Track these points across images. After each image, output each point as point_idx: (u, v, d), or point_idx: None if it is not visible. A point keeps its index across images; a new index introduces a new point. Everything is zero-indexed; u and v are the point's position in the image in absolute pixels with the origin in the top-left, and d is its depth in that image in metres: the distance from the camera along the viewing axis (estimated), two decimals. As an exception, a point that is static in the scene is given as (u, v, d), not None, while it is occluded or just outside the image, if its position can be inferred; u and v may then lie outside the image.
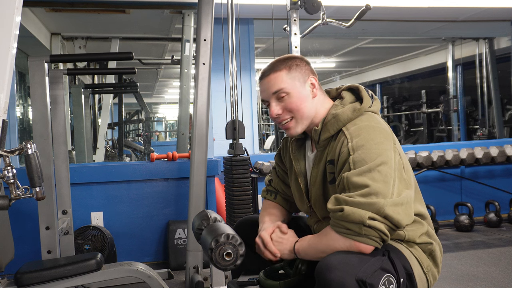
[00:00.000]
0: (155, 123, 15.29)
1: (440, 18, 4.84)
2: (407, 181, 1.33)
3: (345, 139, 1.36)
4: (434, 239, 1.44)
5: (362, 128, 1.36)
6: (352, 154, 1.31)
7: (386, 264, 1.25)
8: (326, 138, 1.45)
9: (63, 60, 3.60)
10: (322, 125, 1.45)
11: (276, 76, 1.46)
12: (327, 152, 1.44)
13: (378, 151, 1.29)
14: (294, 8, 2.79)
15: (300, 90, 1.46)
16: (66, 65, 4.17)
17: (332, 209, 1.28)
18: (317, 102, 1.49)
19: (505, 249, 3.41)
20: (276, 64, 1.49)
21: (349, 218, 1.23)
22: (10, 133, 3.10)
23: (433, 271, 1.41)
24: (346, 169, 1.30)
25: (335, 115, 1.43)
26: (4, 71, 1.31)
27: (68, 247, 2.63)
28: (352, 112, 1.42)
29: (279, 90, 1.45)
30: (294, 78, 1.46)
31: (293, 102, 1.45)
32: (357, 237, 1.24)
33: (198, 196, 2.69)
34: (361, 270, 1.18)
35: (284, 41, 3.01)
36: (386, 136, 1.35)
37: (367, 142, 1.31)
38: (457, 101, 6.96)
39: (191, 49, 3.86)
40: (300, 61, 1.50)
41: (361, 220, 1.22)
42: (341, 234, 1.26)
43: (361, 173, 1.26)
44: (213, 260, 1.31)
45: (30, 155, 1.42)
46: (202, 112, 2.69)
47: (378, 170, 1.26)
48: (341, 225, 1.25)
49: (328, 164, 1.42)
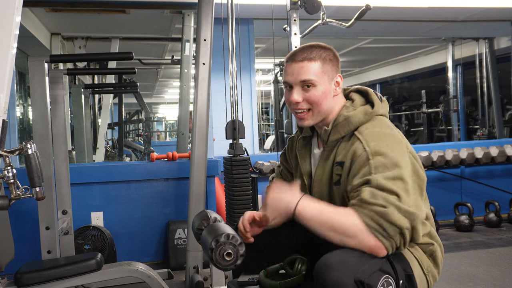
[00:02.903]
0: (155, 123, 15.30)
1: (440, 18, 4.84)
2: (419, 186, 1.34)
3: (360, 143, 1.35)
4: (436, 240, 1.44)
5: (376, 133, 1.36)
6: (372, 159, 1.29)
7: (385, 265, 1.25)
8: (335, 139, 1.44)
9: (63, 60, 3.60)
10: (332, 126, 1.45)
11: (310, 65, 1.43)
12: (336, 153, 1.43)
13: (396, 158, 1.30)
14: (294, 8, 2.79)
15: (327, 86, 1.45)
16: (66, 65, 4.16)
17: (371, 202, 1.23)
18: (336, 101, 1.49)
19: (505, 249, 3.40)
20: (312, 51, 1.45)
21: (391, 218, 1.21)
22: (10, 133, 3.09)
23: (433, 272, 1.41)
24: (366, 173, 1.28)
25: (346, 117, 1.43)
26: (4, 71, 1.31)
27: (68, 247, 2.63)
28: (364, 115, 1.42)
29: (309, 80, 1.43)
30: (325, 72, 1.45)
31: (316, 95, 1.44)
32: (384, 239, 1.22)
33: (198, 196, 2.69)
34: (360, 270, 1.18)
35: (284, 41, 3.01)
36: (399, 142, 1.36)
37: (384, 148, 1.31)
38: (457, 101, 6.96)
39: (191, 49, 3.86)
40: (333, 56, 1.48)
41: (401, 226, 1.21)
42: (371, 228, 1.22)
43: (387, 178, 1.25)
44: (213, 260, 1.31)
45: (30, 155, 1.42)
46: (202, 112, 2.69)
47: (403, 179, 1.26)
48: (377, 221, 1.22)
49: (336, 166, 1.41)
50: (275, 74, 6.75)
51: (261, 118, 11.11)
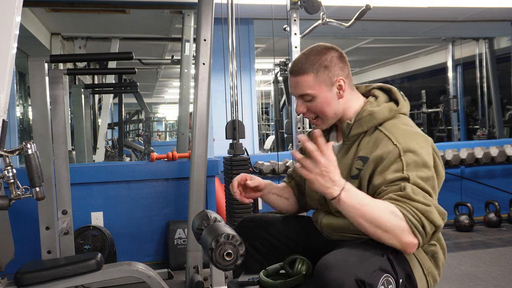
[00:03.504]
0: (155, 123, 15.31)
1: (440, 18, 4.84)
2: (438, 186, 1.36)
3: (388, 140, 1.35)
4: (440, 242, 1.44)
5: (404, 130, 1.37)
6: (403, 156, 1.30)
7: (385, 264, 1.25)
8: (357, 134, 1.45)
9: (63, 60, 3.60)
10: (355, 120, 1.45)
11: (303, 79, 1.45)
12: (358, 148, 1.43)
13: (425, 157, 1.31)
14: (294, 8, 2.79)
15: (326, 94, 1.45)
16: (66, 65, 4.16)
17: (415, 199, 1.22)
18: (346, 101, 1.48)
19: (505, 249, 3.41)
20: (306, 61, 1.45)
21: (431, 216, 1.22)
22: (10, 133, 3.09)
23: (433, 273, 1.40)
24: (399, 170, 1.28)
25: (371, 112, 1.43)
26: (4, 71, 1.31)
27: (68, 247, 2.63)
28: (389, 112, 1.42)
29: (305, 94, 1.46)
30: (321, 82, 1.44)
31: (318, 105, 1.46)
32: (420, 236, 1.22)
33: (198, 196, 2.69)
34: (360, 270, 1.18)
35: (284, 41, 3.00)
36: (426, 140, 1.37)
37: (414, 145, 1.32)
38: (457, 101, 6.96)
39: (191, 49, 3.86)
40: (331, 59, 1.45)
41: (439, 225, 1.23)
42: (411, 224, 1.20)
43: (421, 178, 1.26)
44: (214, 260, 1.31)
45: (30, 155, 1.42)
46: (202, 112, 2.69)
47: (433, 183, 1.29)
48: (419, 219, 1.21)
49: (357, 160, 1.41)
50: (275, 74, 6.75)
51: (261, 118, 11.12)
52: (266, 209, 3.91)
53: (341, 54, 1.49)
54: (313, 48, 1.49)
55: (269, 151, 7.96)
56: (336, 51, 1.48)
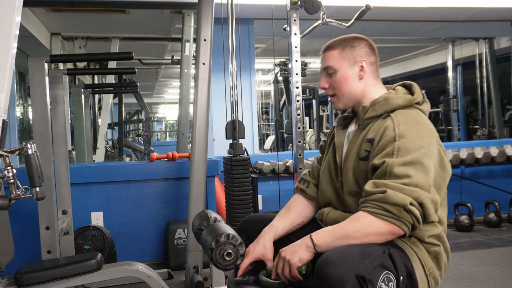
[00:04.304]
0: (155, 123, 15.30)
1: (440, 18, 4.84)
2: (443, 179, 1.41)
3: (392, 124, 1.40)
4: (444, 244, 1.45)
5: (410, 119, 1.41)
6: (397, 140, 1.35)
7: (386, 261, 1.26)
8: (370, 117, 1.50)
9: (63, 60, 3.60)
10: (371, 104, 1.51)
11: (330, 54, 1.57)
12: (368, 131, 1.49)
13: (422, 143, 1.35)
14: (294, 8, 2.79)
15: (347, 70, 1.54)
16: (66, 65, 4.17)
17: (372, 191, 1.31)
18: (366, 84, 1.55)
19: (505, 249, 3.41)
20: (334, 42, 1.58)
21: (390, 200, 1.27)
22: (10, 133, 3.09)
23: (435, 274, 1.40)
24: (389, 154, 1.34)
25: (386, 98, 1.49)
26: (4, 71, 1.31)
27: (68, 247, 2.63)
28: (403, 100, 1.48)
29: (328, 67, 1.56)
30: (344, 57, 1.54)
31: (337, 80, 1.55)
32: (395, 220, 1.28)
33: (198, 196, 2.69)
34: (361, 266, 1.19)
35: (284, 41, 3.01)
36: (431, 132, 1.41)
37: (413, 133, 1.36)
38: (457, 101, 6.96)
39: (191, 49, 3.86)
40: (359, 43, 1.56)
41: (403, 203, 1.26)
42: (378, 216, 1.29)
43: (404, 163, 1.31)
44: (214, 260, 1.31)
45: (30, 155, 1.41)
46: (202, 112, 2.69)
47: (422, 163, 1.32)
48: (381, 206, 1.29)
49: (365, 142, 1.46)
50: (275, 74, 6.75)
51: (261, 118, 11.12)
52: (266, 209, 3.91)
53: (371, 44, 1.59)
54: (349, 34, 1.61)
55: (269, 151, 7.96)
56: (368, 41, 1.59)
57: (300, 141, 2.82)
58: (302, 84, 2.93)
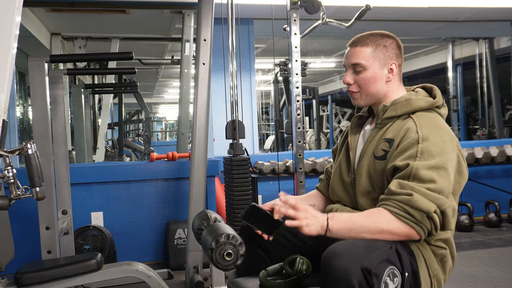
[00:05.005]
0: (155, 123, 15.30)
1: (440, 18, 4.84)
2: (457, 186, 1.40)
3: (414, 126, 1.39)
4: (451, 248, 1.44)
5: (431, 123, 1.41)
6: (421, 143, 1.34)
7: (393, 256, 1.26)
8: (390, 117, 1.49)
9: (63, 60, 3.60)
10: (391, 104, 1.49)
11: (361, 50, 1.52)
12: (387, 130, 1.47)
13: (444, 148, 1.35)
14: (294, 8, 2.79)
15: (376, 71, 1.51)
16: (66, 65, 4.17)
17: (397, 192, 1.30)
18: (390, 87, 1.53)
19: (505, 249, 3.41)
20: (367, 37, 1.53)
21: (415, 204, 1.26)
22: (10, 133, 3.09)
23: (439, 276, 1.40)
24: (412, 156, 1.33)
25: (408, 99, 1.48)
26: (4, 71, 1.31)
27: (68, 247, 2.63)
28: (425, 102, 1.47)
29: (357, 64, 1.51)
30: (376, 57, 1.51)
31: (365, 79, 1.51)
32: (415, 225, 1.28)
33: (198, 196, 2.69)
34: (367, 259, 1.19)
35: (284, 41, 3.01)
36: (451, 138, 1.40)
37: (436, 137, 1.36)
38: (457, 101, 6.96)
39: (191, 49, 3.86)
40: (390, 43, 1.53)
41: (428, 210, 1.26)
42: (399, 216, 1.28)
43: (430, 167, 1.30)
44: (214, 260, 1.31)
45: (30, 155, 1.41)
46: (202, 112, 2.69)
47: (445, 168, 1.32)
48: (404, 208, 1.28)
49: (383, 141, 1.45)
50: (275, 74, 6.75)
51: (261, 118, 11.12)
52: (266, 209, 3.90)
53: (400, 44, 1.56)
54: (378, 31, 1.57)
55: (269, 151, 7.96)
56: (397, 40, 1.56)
57: (300, 141, 2.82)
58: (302, 84, 2.94)
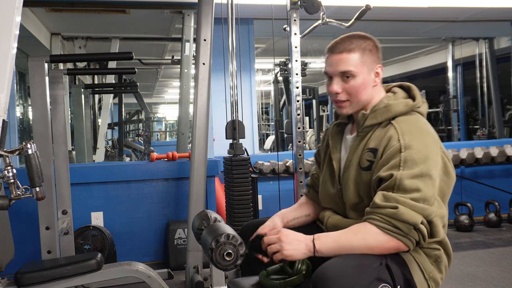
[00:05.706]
0: (155, 123, 15.30)
1: (440, 18, 4.84)
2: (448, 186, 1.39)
3: (396, 133, 1.36)
4: (445, 247, 1.42)
5: (413, 128, 1.38)
6: (403, 152, 1.31)
7: (383, 273, 1.25)
8: (370, 125, 1.45)
9: (63, 60, 3.60)
10: (371, 111, 1.46)
11: (348, 56, 1.45)
12: (369, 139, 1.44)
13: (428, 153, 1.32)
14: (294, 8, 2.79)
15: (366, 77, 1.46)
16: (66, 65, 4.16)
17: (382, 205, 1.28)
18: (375, 91, 1.50)
19: (505, 249, 3.41)
20: (350, 42, 1.47)
21: (401, 217, 1.25)
22: (10, 133, 3.09)
23: (435, 277, 1.39)
24: (395, 166, 1.31)
25: (387, 105, 1.44)
26: (4, 71, 1.31)
27: (68, 247, 2.63)
28: (404, 106, 1.43)
29: (348, 71, 1.45)
30: (364, 63, 1.46)
31: (355, 86, 1.46)
32: (402, 237, 1.26)
33: (198, 196, 2.69)
34: (357, 282, 1.19)
35: (284, 41, 3.00)
36: (434, 140, 1.38)
37: (419, 143, 1.33)
38: (457, 101, 6.96)
39: (191, 49, 3.86)
40: (373, 46, 1.49)
41: (415, 222, 1.25)
42: (385, 231, 1.27)
43: (413, 176, 1.28)
44: (214, 260, 1.31)
45: (30, 155, 1.41)
46: (202, 112, 2.69)
47: (429, 175, 1.29)
48: (390, 222, 1.26)
49: (367, 152, 1.42)
50: (275, 74, 6.75)
51: (261, 118, 11.11)
52: (266, 209, 3.91)
53: (378, 45, 1.52)
54: (354, 33, 1.51)
55: (269, 151, 7.95)
56: (375, 41, 1.52)
57: (300, 141, 2.82)
58: (302, 84, 2.93)
